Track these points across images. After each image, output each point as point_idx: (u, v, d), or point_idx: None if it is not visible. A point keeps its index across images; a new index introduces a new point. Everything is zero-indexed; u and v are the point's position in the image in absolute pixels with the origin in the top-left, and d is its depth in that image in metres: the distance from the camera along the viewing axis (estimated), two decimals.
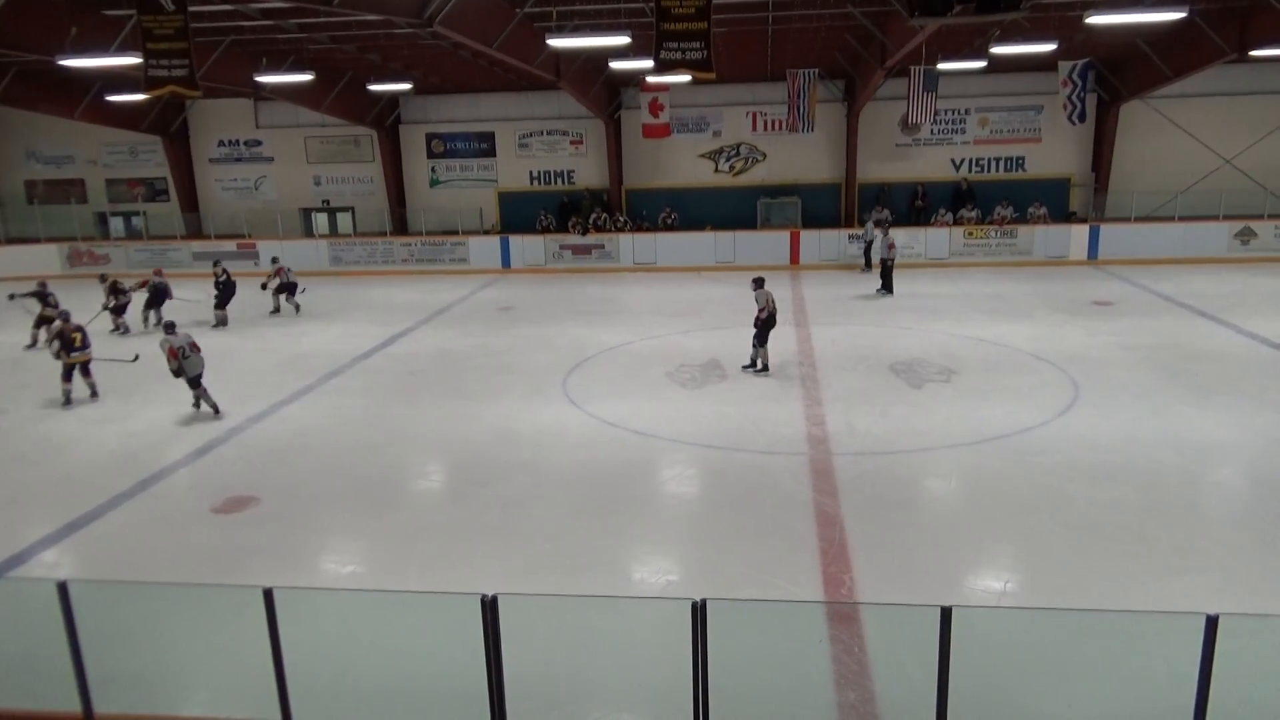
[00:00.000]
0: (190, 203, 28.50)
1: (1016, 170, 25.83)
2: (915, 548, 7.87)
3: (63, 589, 4.89)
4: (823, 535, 8.09)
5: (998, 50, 17.61)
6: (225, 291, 18.65)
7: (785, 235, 24.79)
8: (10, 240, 27.18)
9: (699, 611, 4.53)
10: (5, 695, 5.19)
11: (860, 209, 25.92)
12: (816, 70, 23.19)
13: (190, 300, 18.91)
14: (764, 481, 9.43)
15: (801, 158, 26.19)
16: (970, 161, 25.91)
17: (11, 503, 9.56)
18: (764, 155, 26.49)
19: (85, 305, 17.21)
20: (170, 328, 12.42)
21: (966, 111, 25.54)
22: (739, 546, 8.01)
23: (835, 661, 5.96)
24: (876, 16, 18.32)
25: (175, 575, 7.39)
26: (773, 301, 13.63)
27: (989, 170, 25.92)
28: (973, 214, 24.83)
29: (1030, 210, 24.67)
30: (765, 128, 26.24)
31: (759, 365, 13.64)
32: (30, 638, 5.94)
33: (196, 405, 12.40)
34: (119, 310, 17.91)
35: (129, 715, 5.01)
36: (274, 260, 20.13)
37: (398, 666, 5.70)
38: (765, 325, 13.56)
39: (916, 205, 25.48)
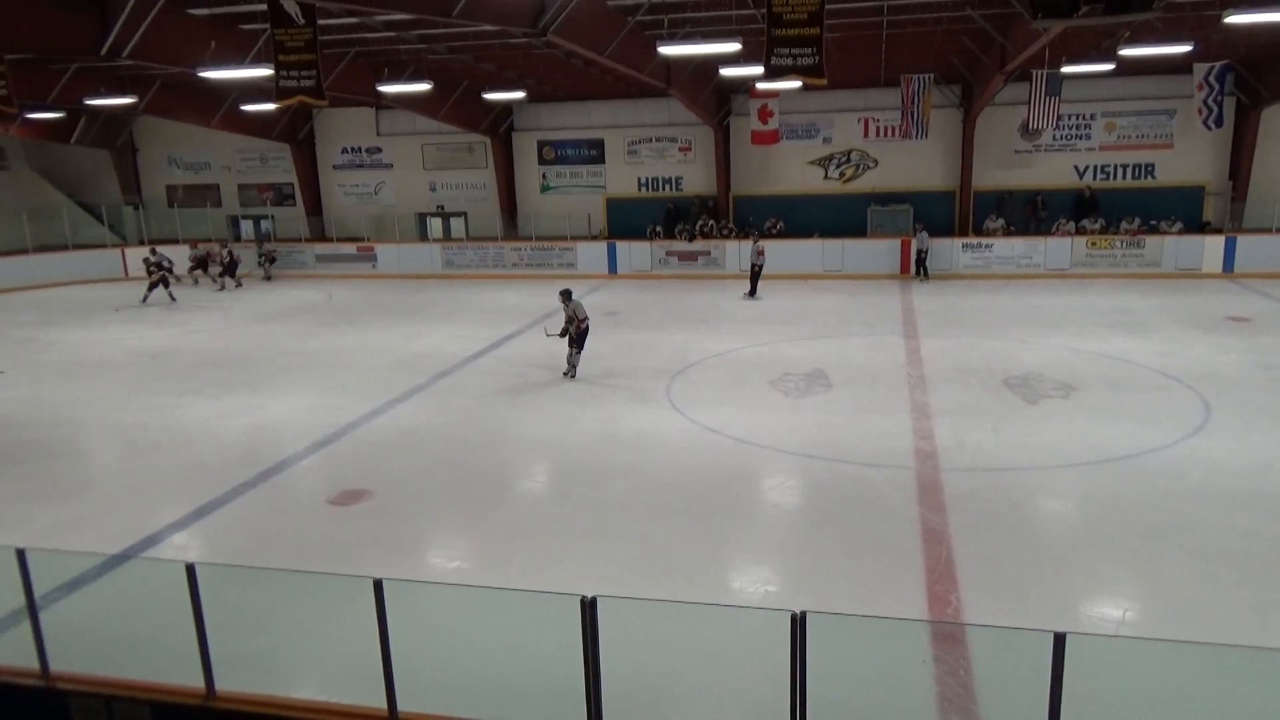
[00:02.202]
0: (314, 207, 29.81)
1: (1146, 178, 24.61)
2: (1027, 570, 7.57)
3: (190, 570, 5.17)
4: (928, 552, 7.87)
5: (1127, 52, 16.82)
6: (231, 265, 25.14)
7: (896, 243, 24.26)
8: (152, 240, 28.94)
9: (799, 624, 4.47)
10: (136, 668, 5.51)
11: (976, 217, 25.16)
12: (932, 75, 22.64)
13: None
14: (867, 494, 9.24)
15: (914, 164, 25.59)
16: (1095, 169, 24.82)
17: (147, 488, 10.18)
18: (875, 162, 26.00)
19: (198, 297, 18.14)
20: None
21: (1092, 116, 24.48)
22: (840, 559, 7.87)
23: (939, 683, 5.79)
24: (996, 19, 17.77)
25: (291, 562, 7.72)
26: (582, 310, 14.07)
27: (1115, 178, 24.77)
28: (1096, 224, 23.77)
29: (1161, 224, 23.43)
30: (877, 134, 25.75)
31: (571, 371, 14.14)
32: (160, 615, 6.31)
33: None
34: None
35: (246, 694, 5.25)
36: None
37: (498, 661, 5.82)
38: (583, 335, 14.11)
39: (1039, 215, 24.53)
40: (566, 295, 14.16)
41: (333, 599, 6.35)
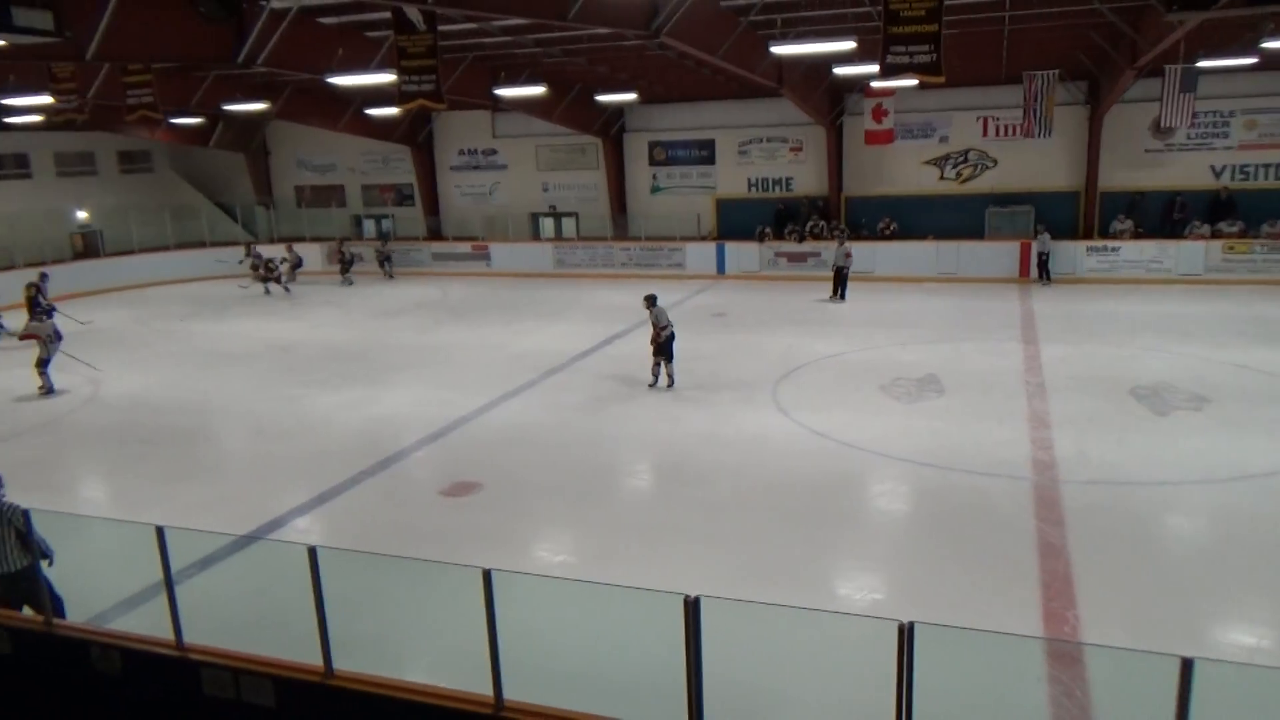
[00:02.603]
0: (432, 207, 30.75)
1: None
2: (1151, 590, 7.21)
3: (312, 553, 5.41)
4: (1045, 567, 7.58)
5: (1271, 45, 15.77)
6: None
7: (1014, 246, 23.38)
8: (282, 239, 30.41)
9: (906, 634, 4.38)
10: (260, 644, 5.82)
11: (1102, 218, 24.02)
12: (1056, 71, 21.71)
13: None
14: (981, 504, 8.96)
15: (1036, 164, 24.60)
16: (1233, 168, 23.34)
17: (274, 473, 10.73)
18: (994, 162, 25.13)
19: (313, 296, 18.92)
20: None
21: (1230, 114, 23.02)
22: (950, 570, 7.66)
23: (1054, 703, 5.58)
24: (1127, 12, 16.93)
25: (405, 549, 7.98)
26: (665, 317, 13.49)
27: (1255, 178, 23.23)
28: (1234, 227, 22.37)
29: None
30: (997, 133, 24.87)
31: (667, 382, 13.57)
32: (283, 595, 6.63)
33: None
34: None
35: (362, 675, 5.46)
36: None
37: (600, 656, 5.90)
38: (668, 343, 13.41)
39: (1175, 217, 23.22)
40: (650, 301, 13.70)
41: (443, 587, 6.56)
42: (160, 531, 5.72)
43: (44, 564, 6.51)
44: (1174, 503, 9.00)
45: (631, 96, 23.23)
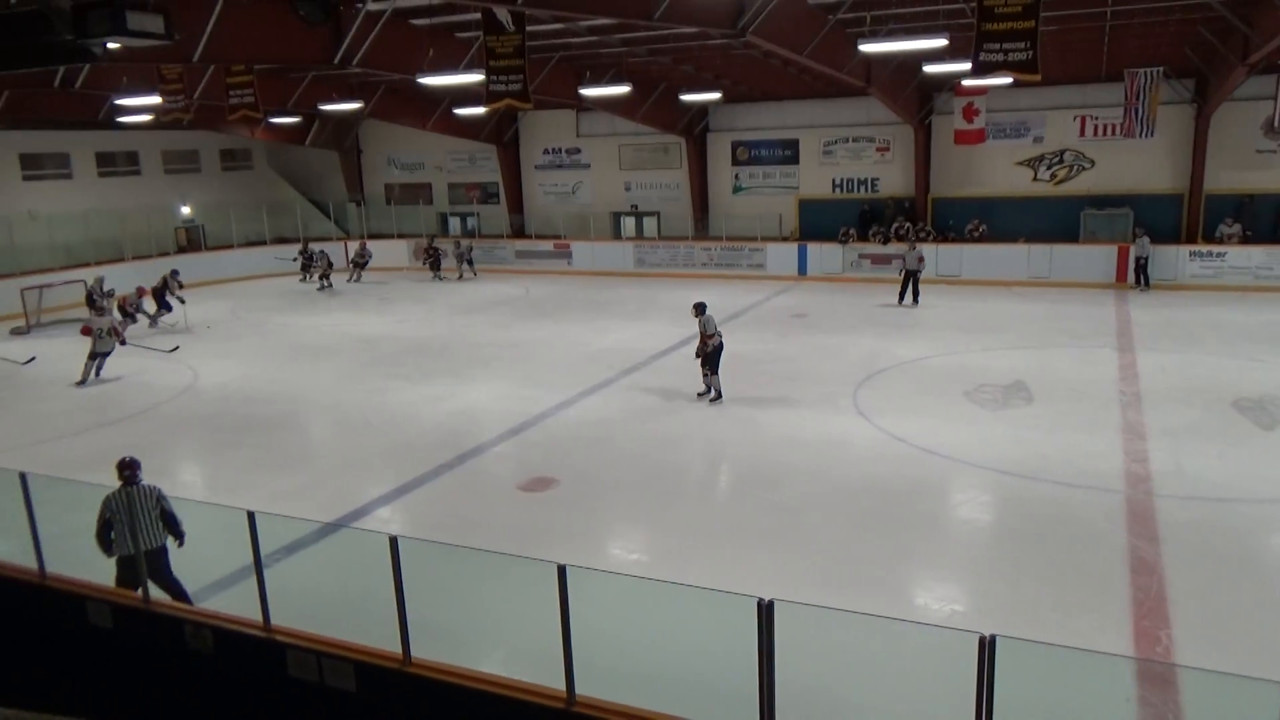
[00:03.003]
0: (516, 205, 31.19)
1: None
2: (1252, 612, 6.86)
3: (393, 542, 5.54)
4: (1137, 584, 7.28)
5: None
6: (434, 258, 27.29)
7: (1111, 250, 22.52)
8: (371, 235, 31.25)
9: (987, 648, 4.26)
10: (342, 629, 5.98)
11: (1208, 221, 22.94)
12: (1161, 69, 20.82)
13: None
14: (1069, 517, 8.66)
15: (1136, 165, 23.64)
16: None
17: (358, 463, 11.02)
18: (1091, 162, 24.24)
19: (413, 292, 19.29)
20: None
21: None
22: (1035, 584, 7.42)
23: None
24: (1238, 6, 16.13)
25: (482, 542, 8.09)
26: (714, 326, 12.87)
27: None
28: None
29: None
30: (1095, 132, 23.98)
31: (713, 394, 12.90)
32: (364, 582, 6.81)
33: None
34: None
35: (439, 664, 5.58)
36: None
37: (673, 655, 5.89)
38: (715, 354, 12.78)
39: None
40: (699, 309, 12.98)
41: (519, 581, 6.64)
42: (251, 516, 5.94)
43: (174, 544, 6.92)
44: (1278, 522, 8.55)
45: (715, 96, 23.15)
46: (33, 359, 16.67)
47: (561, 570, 5.05)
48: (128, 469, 6.87)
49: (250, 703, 6.21)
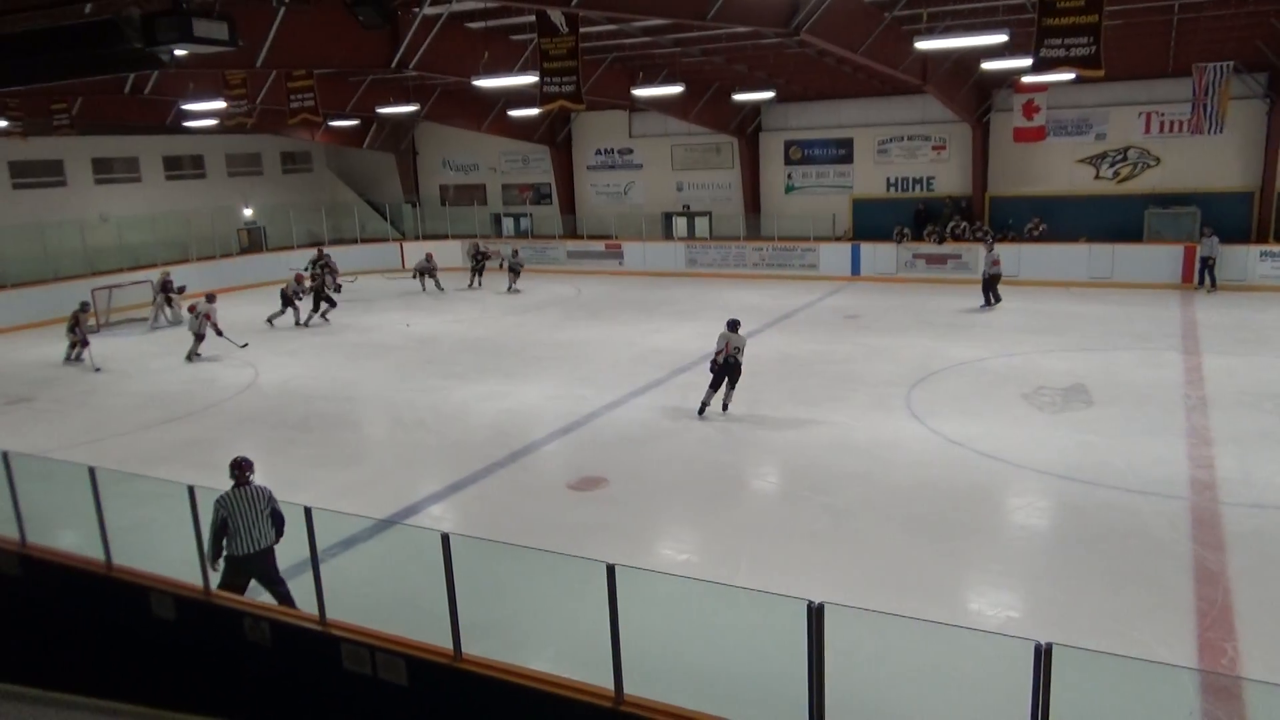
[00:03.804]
0: (569, 206, 31.37)
1: None
2: None
3: (445, 540, 5.61)
4: (1201, 594, 7.07)
5: None
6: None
7: (1177, 250, 21.88)
8: (426, 236, 31.67)
9: (1043, 656, 4.17)
10: (394, 624, 6.07)
11: (1278, 221, 22.15)
12: (1231, 63, 20.17)
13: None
14: (1131, 524, 8.44)
15: (1204, 162, 22.93)
16: None
17: (412, 461, 11.18)
18: (1157, 160, 23.58)
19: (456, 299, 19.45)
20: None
21: None
22: (1094, 592, 7.24)
23: None
24: None
25: (533, 540, 8.16)
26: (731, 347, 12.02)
27: None
28: None
29: None
30: (1160, 129, 23.32)
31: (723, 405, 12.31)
32: (417, 578, 6.91)
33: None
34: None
35: (489, 660, 5.63)
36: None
37: (721, 657, 5.87)
38: (723, 371, 12.10)
39: None
40: (732, 326, 12.26)
41: (568, 579, 6.68)
42: (308, 512, 6.06)
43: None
44: None
45: (768, 95, 23.01)
46: (245, 345, 17.78)
47: (611, 569, 5.07)
48: (239, 469, 6.94)
49: (305, 695, 6.35)
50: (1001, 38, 13.75)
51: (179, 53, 9.11)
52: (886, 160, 26.72)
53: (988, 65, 17.17)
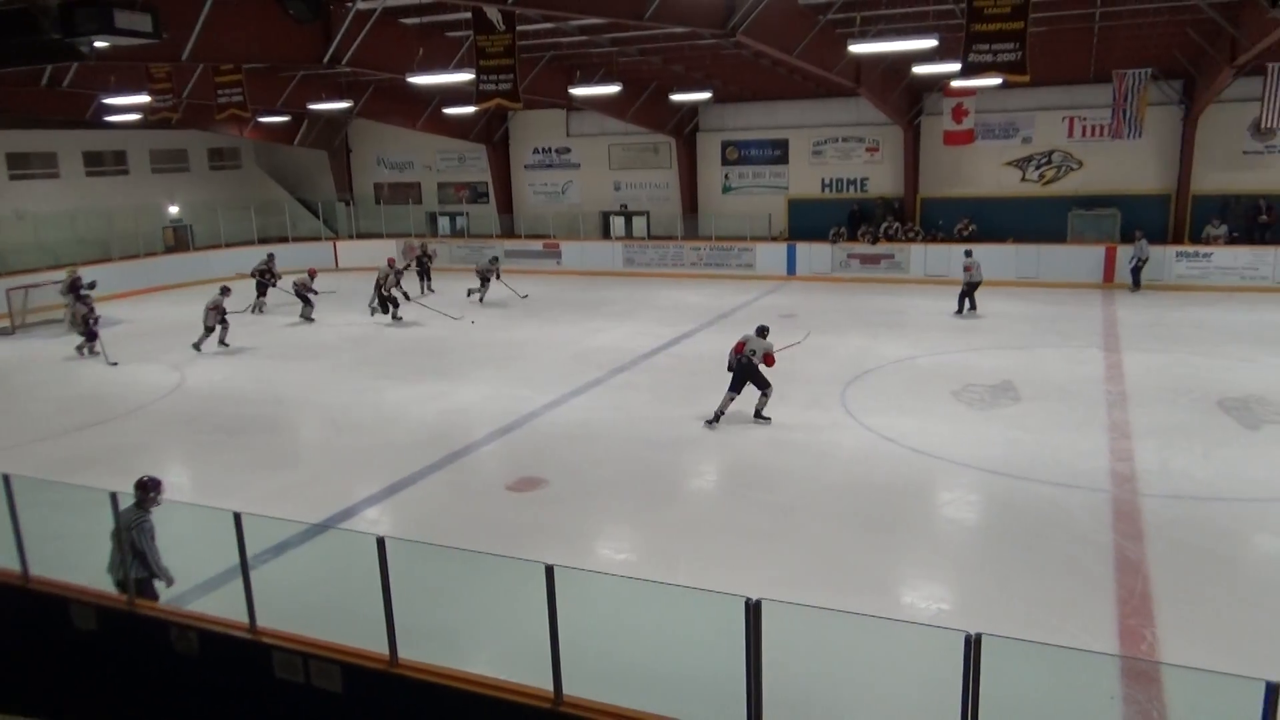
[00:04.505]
0: (505, 205, 31.16)
1: None
2: (1235, 610, 6.91)
3: (381, 543, 5.53)
4: (1122, 582, 7.32)
5: None
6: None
7: (1099, 250, 22.63)
8: (360, 235, 31.16)
9: (973, 646, 4.28)
10: (329, 631, 5.96)
11: (1194, 222, 23.08)
12: (1149, 70, 20.93)
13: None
14: (1055, 516, 8.70)
15: (1124, 166, 23.77)
16: None
17: (347, 464, 10.99)
18: (1079, 163, 24.36)
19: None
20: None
21: None
22: (1022, 583, 7.46)
23: None
24: (1227, 8, 16.25)
25: (471, 542, 8.08)
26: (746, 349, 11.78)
27: None
28: None
29: None
30: (1083, 133, 24.10)
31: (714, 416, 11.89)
32: (352, 583, 6.79)
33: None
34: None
35: (426, 664, 5.57)
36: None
37: (661, 655, 5.90)
38: (735, 373, 11.76)
39: (1260, 220, 22.22)
40: (759, 331, 12.18)
41: (507, 581, 6.64)
42: (237, 517, 5.91)
43: (161, 585, 6.66)
44: (1261, 520, 8.61)
45: (705, 95, 23.17)
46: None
47: (550, 570, 5.05)
48: (140, 489, 6.52)
49: (236, 705, 6.19)
50: (931, 43, 14.06)
51: (99, 44, 8.82)
52: (821, 161, 27.11)
53: (919, 69, 17.52)
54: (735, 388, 11.81)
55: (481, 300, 22.09)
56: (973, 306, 19.62)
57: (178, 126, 25.93)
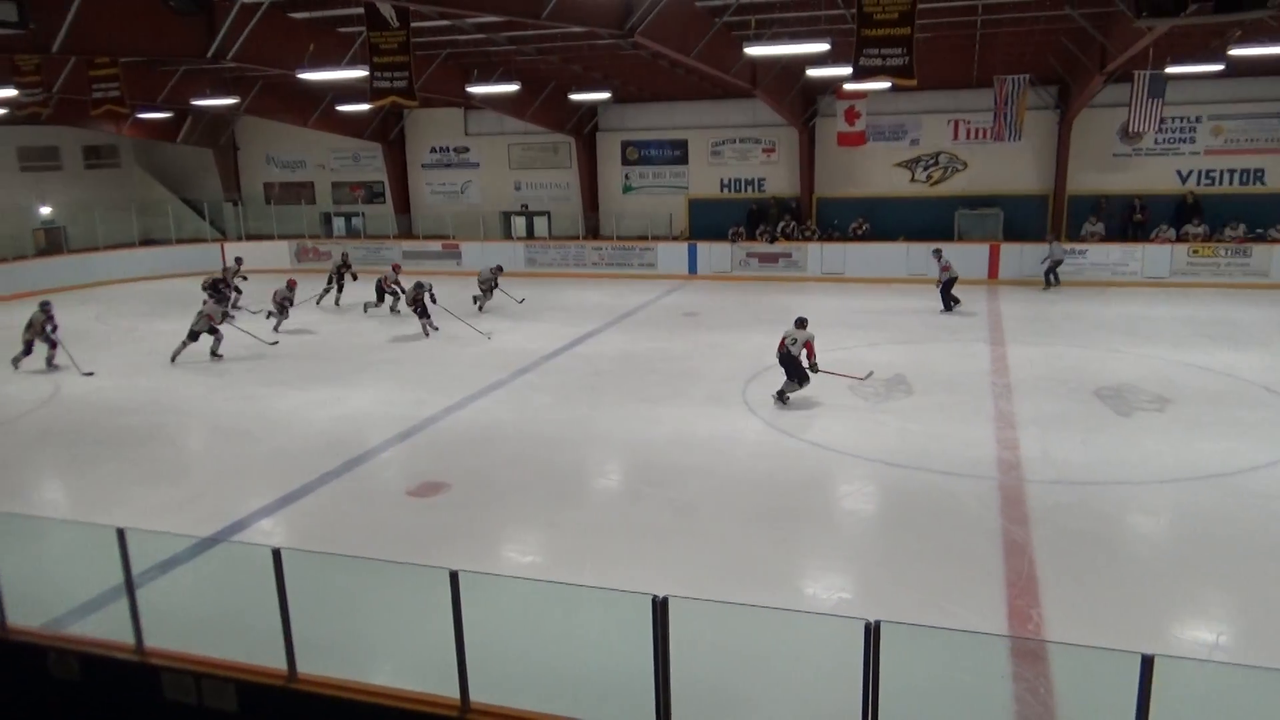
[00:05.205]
0: (403, 205, 30.55)
1: (1254, 183, 23.42)
2: (1114, 588, 7.30)
3: (276, 555, 5.35)
4: (1010, 566, 7.65)
5: (1238, 52, 16.02)
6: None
7: (984, 248, 23.62)
8: (249, 236, 30.08)
9: (872, 633, 4.40)
10: (222, 647, 5.74)
11: (1070, 222, 24.32)
12: (1027, 76, 21.94)
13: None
14: (948, 504, 9.03)
15: (1005, 167, 24.88)
16: (1199, 173, 23.73)
17: (238, 474, 10.58)
18: (965, 164, 25.37)
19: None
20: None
21: (1197, 119, 23.42)
22: (917, 569, 7.71)
23: (1018, 701, 5.63)
24: (1097, 18, 17.15)
25: (371, 551, 7.90)
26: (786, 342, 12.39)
27: (1221, 183, 23.63)
28: (1199, 229, 22.75)
29: (1272, 232, 22.30)
30: (967, 136, 25.13)
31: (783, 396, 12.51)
32: (246, 598, 6.54)
33: None
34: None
35: (326, 678, 5.42)
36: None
37: (569, 657, 5.87)
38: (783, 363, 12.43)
39: (1135, 219, 23.62)
40: (798, 323, 12.69)
41: (410, 589, 6.50)
42: (121, 534, 5.64)
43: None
44: (1136, 502, 9.12)
45: (605, 96, 23.20)
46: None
47: (454, 576, 4.98)
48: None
49: None
50: (824, 47, 14.39)
51: None
52: (720, 162, 27.49)
53: (812, 72, 17.93)
54: (792, 377, 12.42)
55: (481, 309, 20.65)
56: (957, 301, 19.68)
57: (49, 122, 24.52)
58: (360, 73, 14.76)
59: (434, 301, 18.08)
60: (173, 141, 29.93)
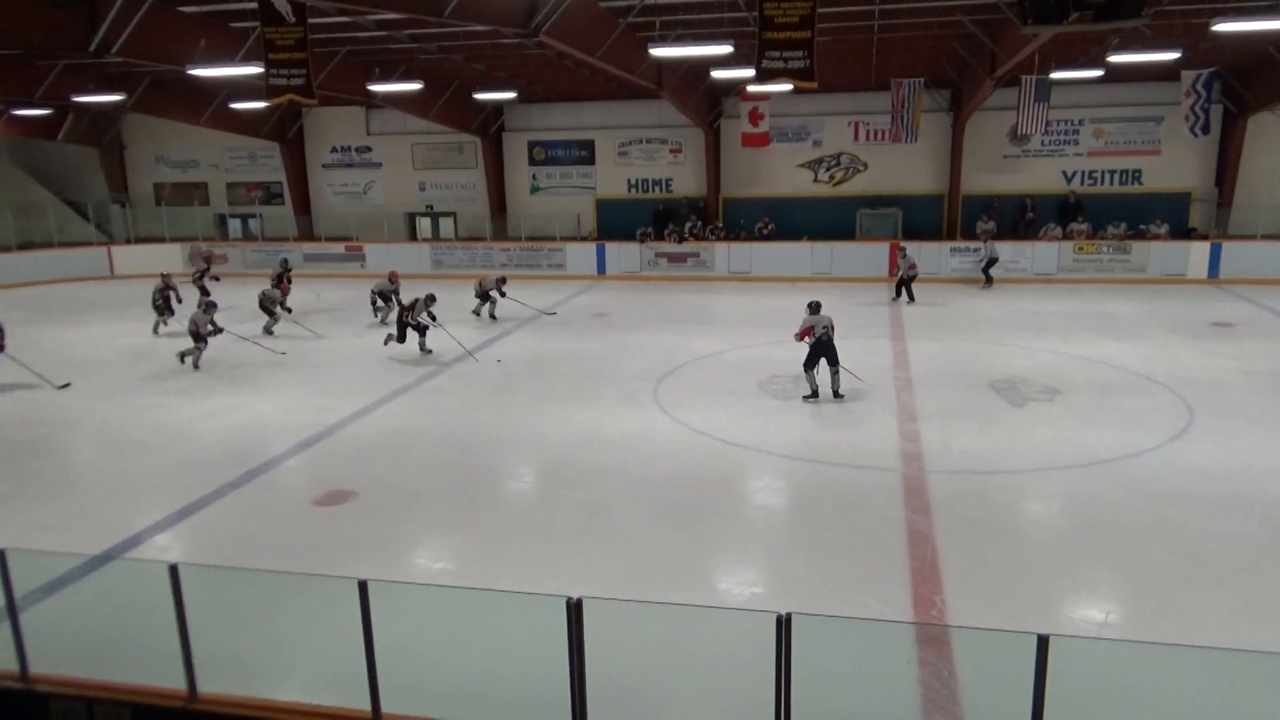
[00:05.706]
0: (303, 206, 29.71)
1: (1132, 184, 24.77)
2: (1011, 572, 7.61)
3: (173, 571, 5.14)
4: (914, 554, 7.89)
5: (1116, 59, 16.93)
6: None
7: (884, 247, 24.33)
8: (139, 239, 28.82)
9: (784, 626, 4.48)
10: (118, 670, 5.48)
11: (965, 221, 25.26)
12: (922, 80, 22.72)
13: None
14: (854, 497, 9.26)
15: (903, 168, 25.69)
16: (1083, 174, 24.97)
17: (130, 488, 10.11)
18: (865, 165, 26.08)
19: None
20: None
21: (1080, 122, 24.63)
22: (826, 561, 7.88)
23: (924, 685, 5.81)
24: (986, 25, 17.86)
25: (276, 563, 7.68)
26: (819, 327, 12.62)
27: (1102, 183, 24.92)
28: (1083, 227, 23.91)
29: (1149, 228, 23.60)
30: (867, 137, 25.84)
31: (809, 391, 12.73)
32: (142, 617, 6.26)
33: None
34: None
35: (229, 696, 5.23)
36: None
37: (484, 663, 5.80)
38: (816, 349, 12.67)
39: (1027, 218, 24.68)
40: (813, 308, 12.86)
41: (317, 600, 6.33)
42: (1, 554, 5.33)
43: None
44: (1030, 489, 9.52)
45: (510, 95, 23.03)
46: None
47: (362, 585, 4.87)
48: None
49: None
50: (728, 49, 14.59)
51: None
52: (627, 162, 27.60)
53: (717, 74, 18.17)
54: (811, 365, 12.61)
55: (495, 317, 19.84)
56: (911, 298, 20.55)
57: None
58: (255, 69, 14.31)
59: (434, 320, 16.06)
60: (54, 140, 28.44)
